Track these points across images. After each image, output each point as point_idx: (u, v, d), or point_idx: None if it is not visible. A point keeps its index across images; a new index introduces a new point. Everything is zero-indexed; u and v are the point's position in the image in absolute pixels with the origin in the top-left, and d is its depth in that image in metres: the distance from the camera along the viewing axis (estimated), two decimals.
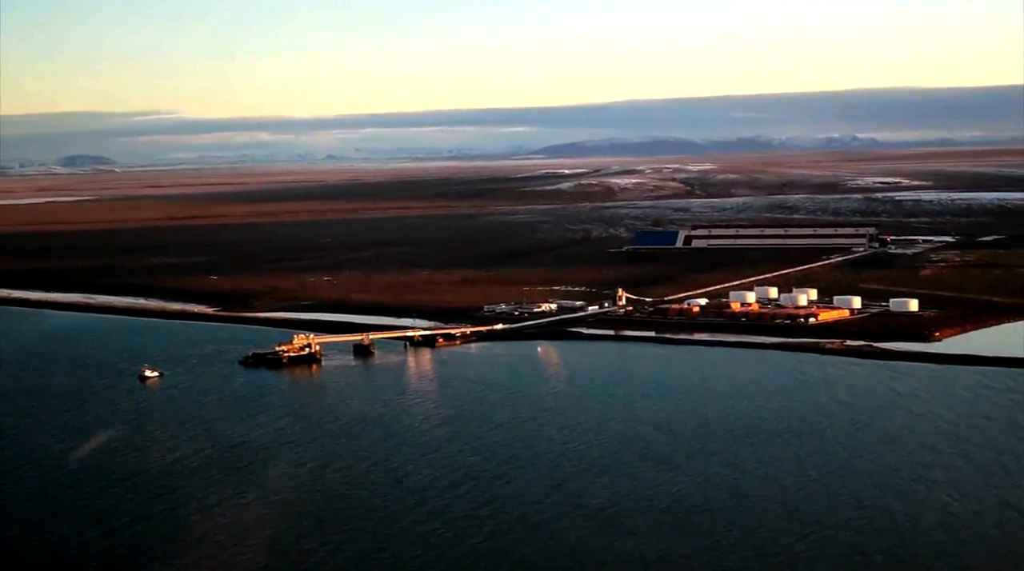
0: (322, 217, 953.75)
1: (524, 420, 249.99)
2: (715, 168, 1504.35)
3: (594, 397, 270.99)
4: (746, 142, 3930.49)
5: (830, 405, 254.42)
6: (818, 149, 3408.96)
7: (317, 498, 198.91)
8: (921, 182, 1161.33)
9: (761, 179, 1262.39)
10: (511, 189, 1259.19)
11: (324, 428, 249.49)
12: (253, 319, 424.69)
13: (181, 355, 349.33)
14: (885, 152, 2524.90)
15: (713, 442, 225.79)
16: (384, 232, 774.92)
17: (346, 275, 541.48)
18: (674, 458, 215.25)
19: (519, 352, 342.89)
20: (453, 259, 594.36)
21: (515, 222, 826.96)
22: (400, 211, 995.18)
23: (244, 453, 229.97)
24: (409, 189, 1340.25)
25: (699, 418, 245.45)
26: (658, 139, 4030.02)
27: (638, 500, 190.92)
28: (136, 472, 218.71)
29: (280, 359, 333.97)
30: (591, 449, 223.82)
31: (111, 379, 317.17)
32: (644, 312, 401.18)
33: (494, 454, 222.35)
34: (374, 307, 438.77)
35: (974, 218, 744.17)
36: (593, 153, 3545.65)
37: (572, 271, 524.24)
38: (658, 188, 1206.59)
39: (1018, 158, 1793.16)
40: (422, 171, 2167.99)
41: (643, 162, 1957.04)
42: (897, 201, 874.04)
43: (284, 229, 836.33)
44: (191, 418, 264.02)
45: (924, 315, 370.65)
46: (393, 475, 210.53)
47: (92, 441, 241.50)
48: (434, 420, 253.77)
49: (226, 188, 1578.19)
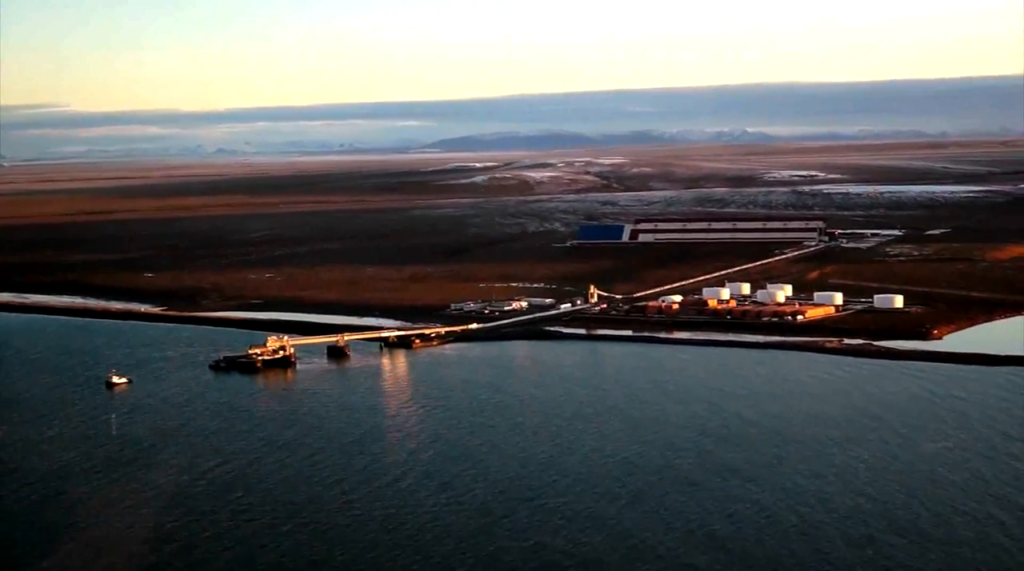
0: (241, 211, 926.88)
1: (561, 433, 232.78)
2: (627, 162, 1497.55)
3: (624, 404, 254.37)
4: (638, 135, 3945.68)
5: (870, 408, 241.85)
6: (709, 142, 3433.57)
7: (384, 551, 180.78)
8: (837, 175, 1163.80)
9: (676, 173, 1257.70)
10: (426, 183, 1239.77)
11: (323, 452, 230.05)
12: (206, 319, 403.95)
13: (144, 359, 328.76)
14: (786, 146, 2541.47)
15: (775, 449, 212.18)
16: (311, 227, 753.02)
17: (287, 271, 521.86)
18: (750, 470, 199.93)
19: (500, 354, 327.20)
20: (393, 254, 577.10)
21: (443, 216, 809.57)
22: (320, 205, 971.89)
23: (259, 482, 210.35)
24: (319, 183, 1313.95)
25: (745, 424, 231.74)
26: (552, 133, 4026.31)
27: (752, 521, 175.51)
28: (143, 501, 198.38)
29: (253, 363, 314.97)
30: (667, 461, 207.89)
31: (74, 387, 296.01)
32: (620, 310, 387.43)
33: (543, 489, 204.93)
34: (329, 305, 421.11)
35: (908, 211, 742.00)
36: (488, 147, 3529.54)
37: (522, 266, 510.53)
38: (573, 182, 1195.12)
39: (917, 151, 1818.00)
40: (323, 165, 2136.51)
41: (548, 155, 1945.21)
42: (826, 194, 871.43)
43: (205, 223, 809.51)
44: (173, 431, 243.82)
45: (911, 311, 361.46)
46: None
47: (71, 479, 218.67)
48: (444, 443, 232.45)
49: (126, 182, 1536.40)
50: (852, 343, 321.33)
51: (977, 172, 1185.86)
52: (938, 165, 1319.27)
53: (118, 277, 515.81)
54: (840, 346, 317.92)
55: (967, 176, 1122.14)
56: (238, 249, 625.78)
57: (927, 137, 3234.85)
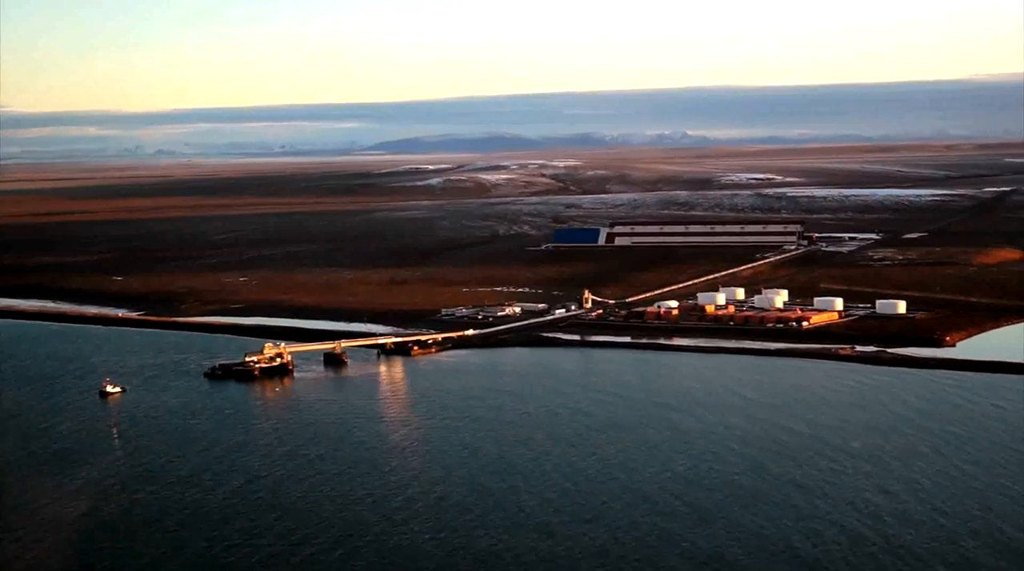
0: (198, 213, 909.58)
1: (601, 445, 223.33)
2: (581, 164, 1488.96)
3: (657, 414, 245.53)
4: (581, 138, 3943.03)
5: (913, 418, 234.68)
6: (650, 145, 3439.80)
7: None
8: (795, 178, 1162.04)
9: (631, 176, 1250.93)
10: (381, 185, 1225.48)
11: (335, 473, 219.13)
12: (190, 324, 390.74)
13: (134, 367, 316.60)
14: (735, 149, 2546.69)
15: (828, 462, 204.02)
16: (275, 229, 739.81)
17: (261, 275, 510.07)
18: (811, 485, 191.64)
19: (502, 361, 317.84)
20: (366, 257, 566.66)
21: (408, 218, 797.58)
22: (277, 208, 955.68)
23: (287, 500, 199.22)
24: (270, 185, 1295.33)
25: (787, 434, 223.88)
26: (494, 135, 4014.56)
27: (834, 541, 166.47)
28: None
29: (250, 371, 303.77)
30: (723, 475, 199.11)
31: (67, 396, 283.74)
32: (618, 315, 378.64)
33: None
34: (312, 310, 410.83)
35: (877, 215, 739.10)
36: (430, 149, 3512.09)
37: (502, 270, 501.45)
38: (529, 184, 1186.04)
39: (867, 155, 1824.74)
40: (268, 166, 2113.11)
41: (494, 158, 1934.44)
42: (791, 197, 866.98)
43: (164, 225, 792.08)
44: (183, 444, 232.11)
45: (916, 317, 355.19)
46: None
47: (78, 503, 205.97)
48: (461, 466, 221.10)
49: (71, 183, 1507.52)
50: (865, 350, 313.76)
51: (934, 176, 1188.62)
52: (892, 169, 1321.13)
53: (86, 280, 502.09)
54: (853, 354, 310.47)
55: (924, 179, 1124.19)
56: (204, 251, 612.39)
57: (868, 141, 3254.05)
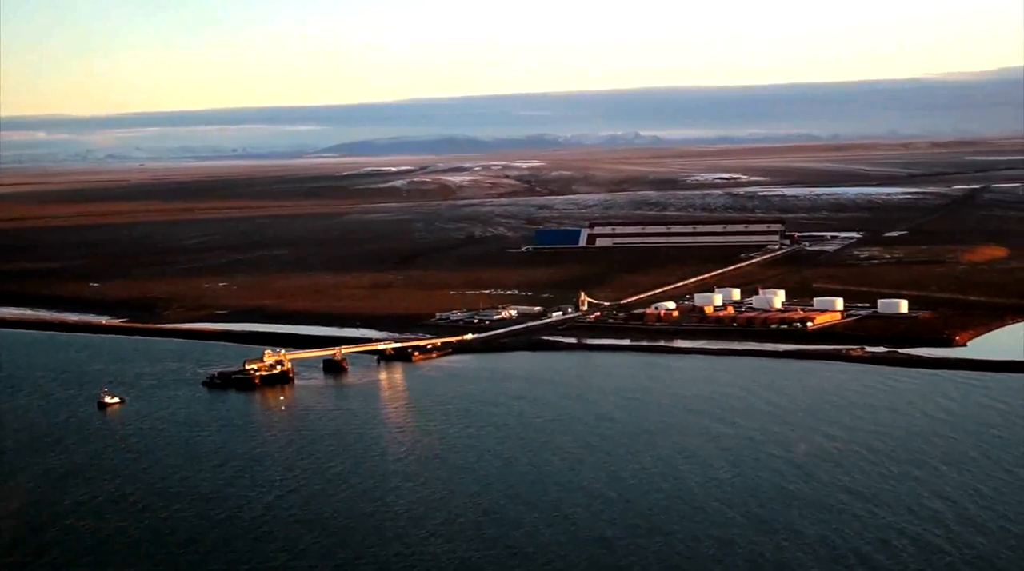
0: (164, 217, 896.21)
1: (639, 452, 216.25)
2: (544, 165, 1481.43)
3: (686, 419, 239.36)
4: (533, 139, 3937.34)
5: (952, 421, 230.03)
6: (604, 146, 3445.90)
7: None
8: (760, 178, 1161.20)
9: (596, 176, 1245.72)
10: (345, 187, 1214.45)
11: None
12: (178, 331, 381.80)
13: (130, 376, 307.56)
14: (695, 148, 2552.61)
15: (877, 467, 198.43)
16: (246, 233, 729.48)
17: (240, 280, 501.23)
18: (867, 491, 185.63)
19: (508, 366, 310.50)
20: (344, 261, 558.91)
21: (381, 221, 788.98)
22: (245, 211, 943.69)
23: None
24: (232, 188, 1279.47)
25: (827, 439, 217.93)
26: (447, 137, 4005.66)
27: (907, 551, 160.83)
28: None
29: (251, 379, 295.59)
30: (774, 482, 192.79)
31: (65, 408, 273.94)
32: (616, 318, 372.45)
33: None
34: (301, 316, 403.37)
35: (852, 213, 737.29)
36: (385, 151, 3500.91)
37: (487, 272, 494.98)
38: (495, 185, 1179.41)
39: (826, 154, 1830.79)
40: (224, 170, 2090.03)
41: (449, 159, 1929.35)
42: (762, 196, 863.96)
43: (132, 230, 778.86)
44: (189, 458, 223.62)
45: (919, 316, 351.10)
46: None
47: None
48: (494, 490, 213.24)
49: (27, 188, 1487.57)
50: (875, 351, 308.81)
51: (899, 174, 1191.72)
52: (855, 167, 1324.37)
53: (63, 287, 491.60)
54: (865, 355, 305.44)
55: (890, 177, 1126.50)
56: (177, 256, 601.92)
57: (819, 140, 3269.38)
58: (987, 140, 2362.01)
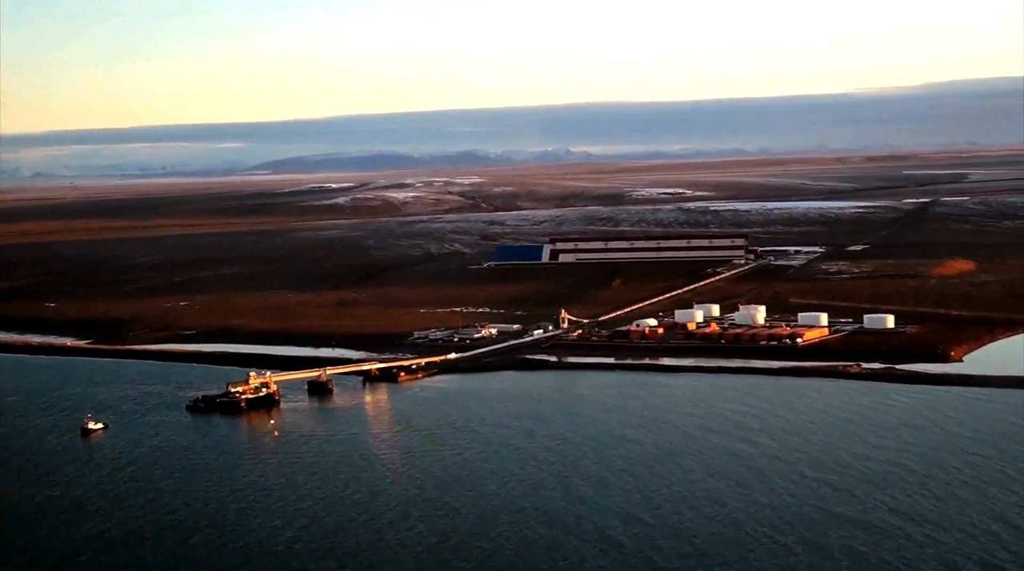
0: (110, 236, 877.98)
1: (670, 475, 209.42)
2: (485, 181, 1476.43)
3: (706, 440, 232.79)
4: (464, 156, 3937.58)
5: (973, 436, 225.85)
6: (535, 162, 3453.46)
7: None
8: (705, 192, 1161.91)
9: (540, 192, 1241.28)
10: (288, 204, 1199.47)
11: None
12: (148, 352, 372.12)
13: (109, 400, 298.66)
14: (625, 164, 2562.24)
15: (918, 488, 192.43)
16: (195, 251, 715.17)
17: (201, 299, 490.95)
18: (918, 512, 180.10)
19: (497, 387, 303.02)
20: (304, 279, 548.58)
21: (332, 238, 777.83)
22: (188, 228, 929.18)
23: None
24: (172, 206, 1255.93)
25: (856, 459, 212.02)
26: (377, 153, 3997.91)
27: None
28: None
29: (237, 403, 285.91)
30: (820, 503, 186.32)
31: (50, 435, 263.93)
32: (600, 335, 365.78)
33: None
34: (273, 335, 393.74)
35: (806, 227, 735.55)
36: (317, 168, 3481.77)
37: (453, 290, 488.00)
38: (439, 201, 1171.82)
39: (764, 168, 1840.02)
40: (158, 188, 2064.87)
41: (398, 175, 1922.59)
42: (713, 211, 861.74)
43: (79, 248, 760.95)
44: (193, 487, 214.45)
45: (907, 331, 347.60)
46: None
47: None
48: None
49: None
50: (873, 367, 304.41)
51: (842, 188, 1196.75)
52: (796, 181, 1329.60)
53: (18, 307, 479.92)
54: (862, 371, 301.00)
55: (834, 192, 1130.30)
56: (131, 275, 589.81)
57: (748, 155, 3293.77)
58: (919, 155, 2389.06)
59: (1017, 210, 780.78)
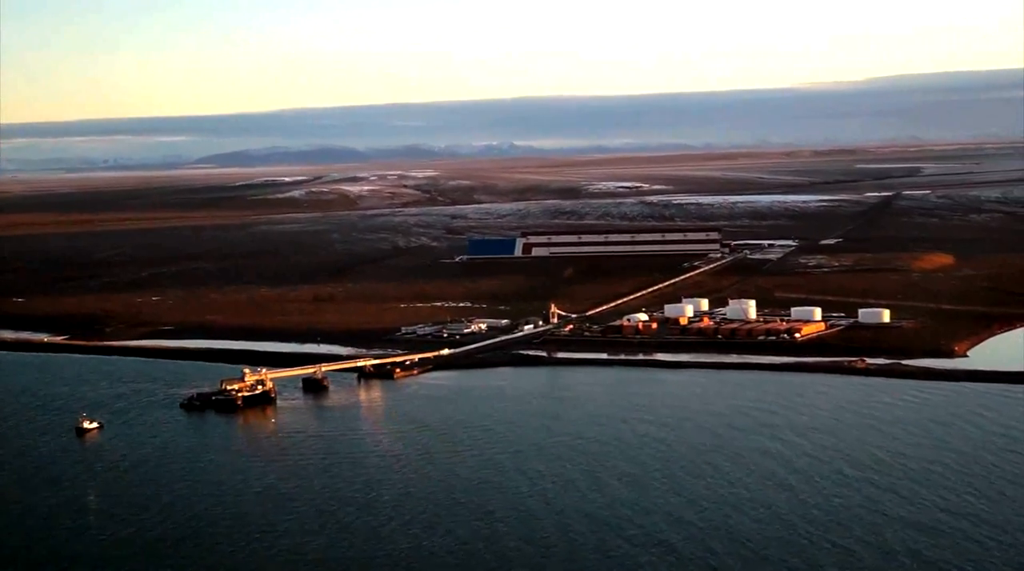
0: (69, 230, 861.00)
1: (719, 472, 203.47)
2: (440, 174, 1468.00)
3: (734, 438, 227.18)
4: (409, 150, 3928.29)
5: (1004, 432, 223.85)
6: (479, 156, 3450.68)
7: None
8: (661, 186, 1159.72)
9: (497, 185, 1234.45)
10: (242, 197, 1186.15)
11: None
12: (131, 349, 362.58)
13: (100, 399, 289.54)
14: (571, 158, 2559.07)
15: (966, 486, 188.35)
16: (157, 245, 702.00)
17: (173, 294, 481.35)
18: (979, 513, 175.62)
19: (495, 383, 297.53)
20: (275, 274, 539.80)
21: (294, 232, 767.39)
22: (144, 223, 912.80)
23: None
24: (123, 201, 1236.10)
25: (896, 456, 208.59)
26: (323, 147, 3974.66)
27: None
28: None
29: (232, 400, 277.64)
30: (874, 504, 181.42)
31: (44, 435, 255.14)
32: (592, 330, 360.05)
33: None
34: (250, 331, 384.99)
35: (772, 221, 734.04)
36: (261, 162, 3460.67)
37: (429, 284, 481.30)
38: (395, 195, 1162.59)
39: (718, 162, 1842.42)
40: (103, 182, 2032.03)
41: (352, 169, 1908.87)
42: (677, 204, 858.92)
43: (42, 244, 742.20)
44: (202, 490, 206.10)
45: (904, 326, 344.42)
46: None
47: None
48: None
49: None
50: (878, 362, 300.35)
51: (798, 182, 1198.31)
52: (752, 175, 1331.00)
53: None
54: (868, 367, 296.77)
55: (792, 186, 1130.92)
56: (97, 270, 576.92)
57: (692, 149, 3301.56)
58: (865, 149, 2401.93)
59: (981, 204, 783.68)
